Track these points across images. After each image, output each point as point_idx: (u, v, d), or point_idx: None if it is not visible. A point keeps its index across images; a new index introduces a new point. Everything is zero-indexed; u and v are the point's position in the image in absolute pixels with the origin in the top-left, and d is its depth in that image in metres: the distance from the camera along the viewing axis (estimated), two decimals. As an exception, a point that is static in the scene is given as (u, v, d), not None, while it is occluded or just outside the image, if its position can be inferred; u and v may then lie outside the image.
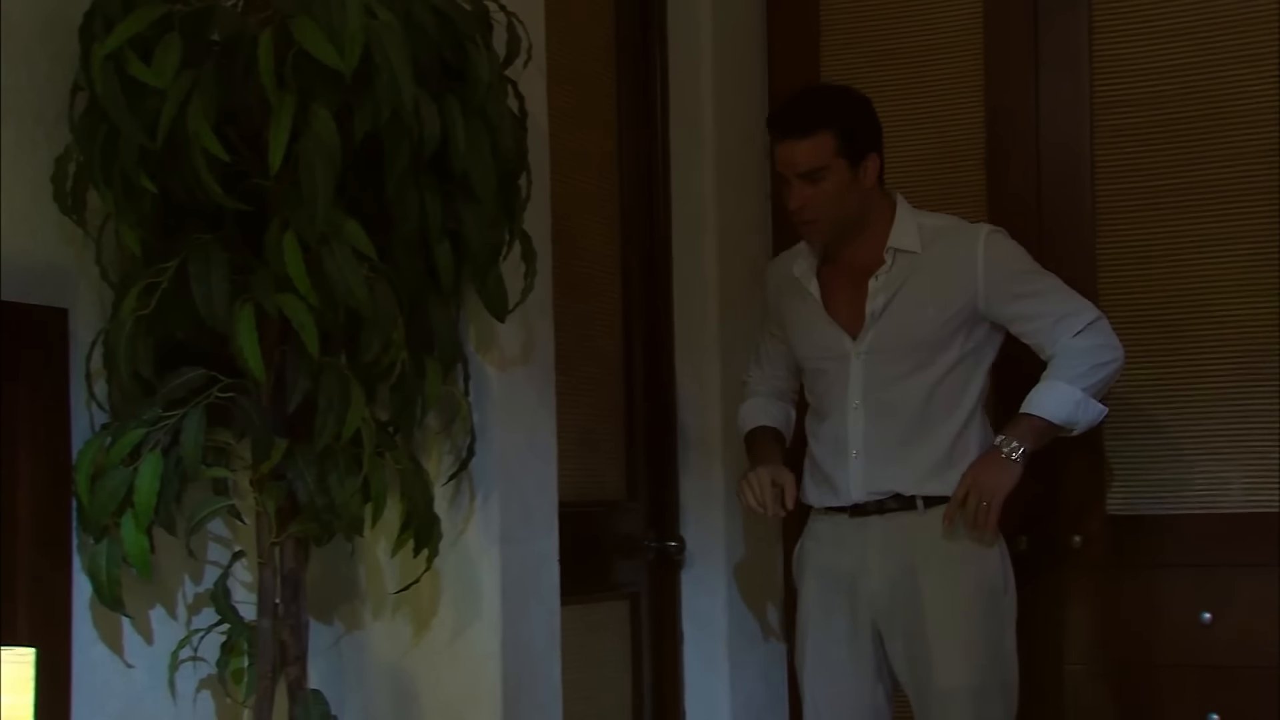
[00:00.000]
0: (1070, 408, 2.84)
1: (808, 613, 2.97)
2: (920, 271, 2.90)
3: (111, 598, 2.11)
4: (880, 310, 2.90)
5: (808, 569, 2.98)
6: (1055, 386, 2.85)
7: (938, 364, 2.88)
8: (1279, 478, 3.19)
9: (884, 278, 2.91)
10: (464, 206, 2.21)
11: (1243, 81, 3.23)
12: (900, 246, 2.91)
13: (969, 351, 2.90)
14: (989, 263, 2.89)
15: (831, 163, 2.88)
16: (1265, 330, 3.20)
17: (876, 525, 2.89)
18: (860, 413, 2.90)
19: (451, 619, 2.43)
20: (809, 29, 3.53)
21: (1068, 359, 2.85)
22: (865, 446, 2.89)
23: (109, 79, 2.01)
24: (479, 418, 2.40)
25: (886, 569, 2.88)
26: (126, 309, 2.10)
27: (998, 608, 2.88)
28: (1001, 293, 2.88)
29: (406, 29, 2.08)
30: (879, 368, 2.90)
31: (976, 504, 2.82)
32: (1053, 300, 2.90)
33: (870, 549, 2.89)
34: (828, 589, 2.93)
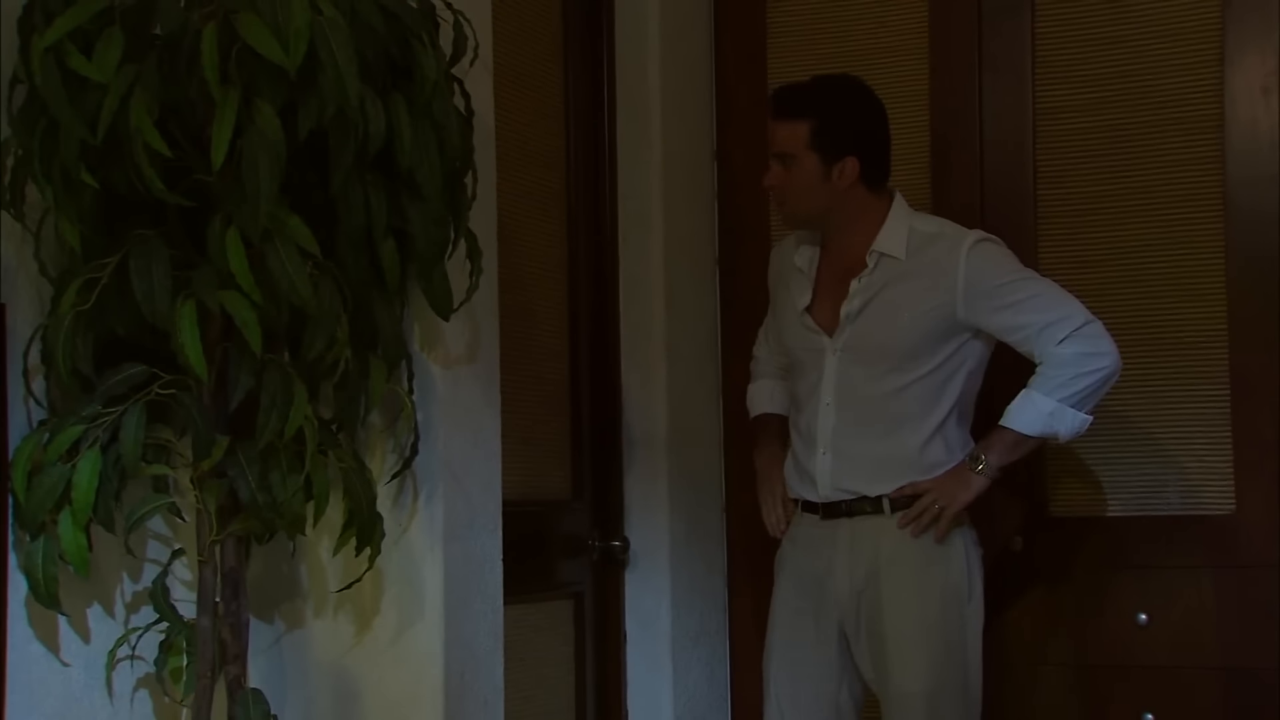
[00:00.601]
0: (1043, 420, 2.83)
1: (777, 611, 2.99)
2: (901, 278, 2.89)
3: (48, 596, 2.09)
4: (855, 313, 2.90)
5: (784, 570, 3.01)
6: (1029, 399, 2.85)
7: (911, 370, 2.87)
8: (1215, 481, 3.23)
9: (864, 280, 2.90)
10: (409, 204, 2.20)
11: (1183, 89, 3.27)
12: (884, 250, 2.90)
13: (947, 359, 2.89)
14: (969, 275, 2.86)
15: (801, 153, 2.88)
16: (1204, 335, 3.24)
17: (844, 528, 2.90)
18: (831, 409, 2.90)
19: (394, 618, 2.42)
20: (756, 30, 3.55)
21: (1048, 369, 2.84)
22: (833, 443, 2.90)
23: (49, 72, 1.99)
24: (423, 416, 2.39)
25: (852, 571, 2.89)
26: (66, 304, 2.08)
27: (960, 614, 2.89)
28: (981, 305, 2.86)
29: (352, 26, 2.07)
30: (852, 367, 2.89)
31: (928, 506, 2.85)
32: (1036, 308, 2.86)
33: (837, 551, 2.90)
34: (798, 590, 2.95)
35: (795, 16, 3.54)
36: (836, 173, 2.88)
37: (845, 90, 2.96)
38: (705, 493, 3.46)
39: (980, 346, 2.93)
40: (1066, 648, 3.30)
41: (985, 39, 3.39)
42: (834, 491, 2.91)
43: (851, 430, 2.90)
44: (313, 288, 2.08)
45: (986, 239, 2.93)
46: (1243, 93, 3.21)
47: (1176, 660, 3.22)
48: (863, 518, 2.89)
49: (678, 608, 3.31)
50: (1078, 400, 2.84)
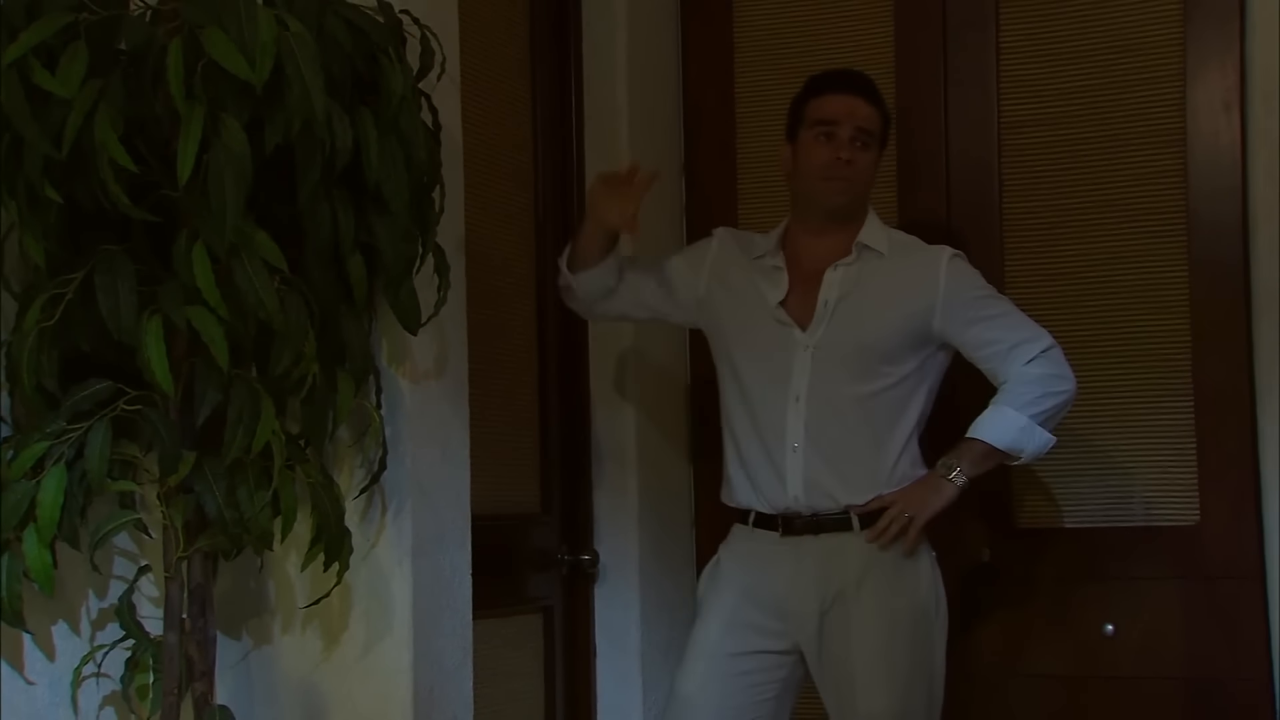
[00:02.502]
0: (1014, 434, 2.84)
1: (723, 620, 2.88)
2: (882, 275, 2.89)
3: (12, 613, 2.08)
4: (835, 301, 2.87)
5: (723, 583, 2.92)
6: (1001, 412, 2.85)
7: (883, 374, 2.86)
8: (1180, 493, 3.25)
9: (842, 270, 2.89)
10: (376, 219, 2.20)
11: (1146, 103, 3.30)
12: (868, 244, 2.91)
13: (913, 370, 2.88)
14: (949, 284, 2.88)
15: (876, 139, 2.94)
16: (1169, 347, 3.27)
17: (808, 546, 2.85)
18: (802, 405, 2.85)
19: (362, 633, 2.41)
20: (723, 45, 3.57)
21: (1018, 385, 2.85)
22: (806, 441, 2.84)
23: (13, 87, 1.99)
24: (391, 431, 2.39)
25: (818, 592, 2.84)
26: (30, 320, 2.07)
27: (929, 631, 2.88)
28: (959, 315, 2.87)
29: (319, 41, 2.08)
30: (825, 365, 2.85)
31: (897, 515, 2.83)
32: (1008, 326, 2.88)
33: (801, 571, 2.85)
34: (747, 605, 2.88)
35: (761, 31, 3.56)
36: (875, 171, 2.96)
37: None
38: (674, 507, 3.47)
39: (941, 362, 2.93)
40: (1033, 659, 3.32)
41: (950, 53, 3.42)
42: (806, 496, 2.84)
43: (826, 428, 2.84)
44: (280, 303, 2.08)
45: (960, 254, 2.96)
46: (1204, 107, 3.24)
47: (1142, 671, 3.24)
48: (829, 535, 2.84)
49: (647, 622, 3.31)
50: (1044, 419, 2.85)
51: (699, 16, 3.59)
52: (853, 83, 2.96)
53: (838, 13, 3.51)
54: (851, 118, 2.90)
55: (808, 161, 2.92)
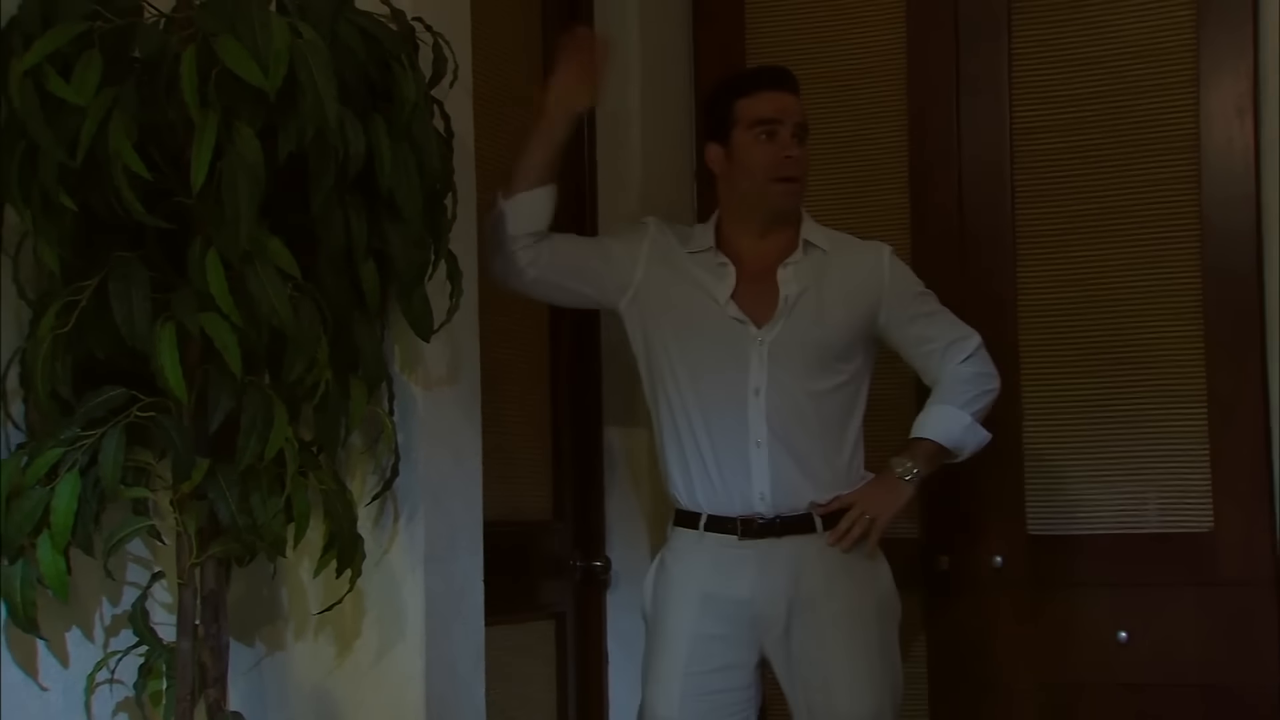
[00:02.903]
0: (959, 432, 2.87)
1: (684, 637, 2.82)
2: (831, 271, 2.89)
3: (26, 620, 2.08)
4: (795, 299, 2.85)
5: (680, 594, 2.84)
6: (945, 411, 2.87)
7: (836, 371, 2.86)
8: (1194, 498, 3.25)
9: (793, 268, 2.88)
10: (389, 226, 2.20)
11: (1159, 109, 3.30)
12: (813, 240, 2.91)
13: (860, 367, 2.90)
14: (894, 278, 2.92)
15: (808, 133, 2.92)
16: (1182, 353, 3.26)
17: (773, 549, 2.81)
18: (762, 400, 2.81)
19: (375, 640, 2.42)
20: (735, 54, 3.57)
21: (957, 384, 2.88)
22: (770, 436, 2.80)
23: (28, 95, 1.99)
24: (404, 437, 2.39)
25: (785, 596, 2.81)
26: (45, 327, 2.07)
27: (893, 629, 2.90)
28: (902, 310, 2.91)
29: (332, 48, 2.08)
30: (780, 362, 2.83)
31: (858, 517, 2.82)
32: (943, 324, 2.93)
33: (767, 575, 2.81)
34: (707, 615, 2.82)
35: (774, 38, 3.56)
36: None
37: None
38: (686, 513, 3.46)
39: (872, 364, 2.95)
40: (1047, 666, 3.31)
41: (963, 60, 3.42)
42: (773, 493, 2.80)
43: (787, 423, 2.81)
44: (293, 309, 2.08)
45: (890, 247, 2.98)
46: (1218, 113, 3.24)
47: (1156, 678, 3.23)
48: (792, 538, 2.81)
49: (659, 628, 3.30)
50: (980, 416, 2.90)
51: (711, 22, 3.59)
52: (786, 80, 2.94)
53: (850, 19, 3.51)
54: (791, 115, 2.89)
55: (752, 162, 2.86)
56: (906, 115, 3.44)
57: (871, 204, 3.46)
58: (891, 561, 3.05)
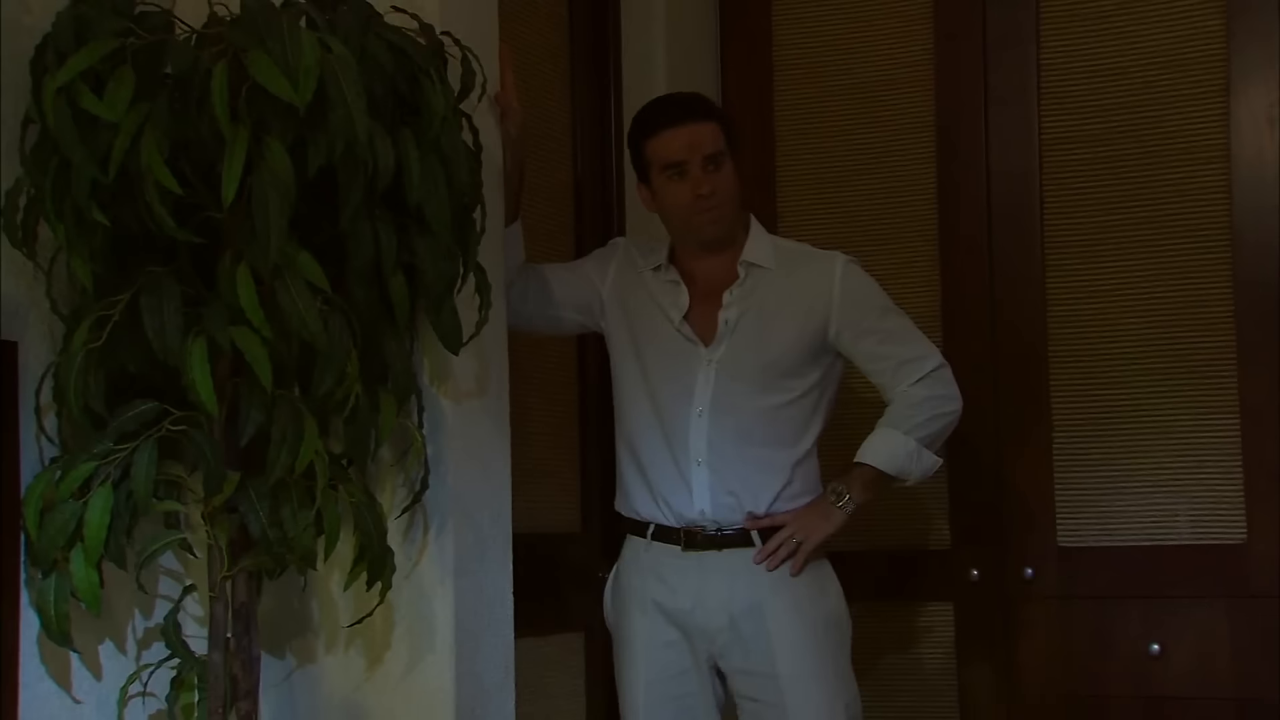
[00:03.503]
0: (902, 458, 2.81)
1: (640, 647, 2.84)
2: (775, 289, 2.85)
3: (60, 633, 2.09)
4: (735, 321, 2.84)
5: (634, 602, 2.86)
6: (889, 436, 2.82)
7: (786, 388, 2.83)
8: (1226, 510, 3.23)
9: (737, 291, 2.85)
10: (418, 239, 2.21)
11: (1188, 119, 3.28)
12: (754, 261, 2.86)
13: (815, 382, 2.86)
14: (844, 292, 2.84)
15: (725, 152, 2.83)
16: (1213, 364, 3.25)
17: (713, 561, 2.81)
18: (705, 420, 2.81)
19: (405, 652, 2.42)
20: (762, 66, 3.57)
21: (905, 408, 2.82)
22: (709, 455, 2.81)
23: (61, 112, 2.01)
24: (433, 450, 2.40)
25: (728, 606, 2.80)
26: (77, 342, 2.09)
27: (843, 637, 2.86)
28: (853, 325, 2.83)
29: (361, 63, 2.09)
30: (727, 381, 2.82)
31: (786, 539, 2.80)
32: (899, 342, 2.85)
33: (707, 587, 2.81)
34: (661, 623, 2.84)
35: (801, 50, 3.56)
36: (737, 173, 2.85)
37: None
38: (715, 525, 3.45)
39: (838, 371, 2.90)
40: (1078, 679, 3.29)
41: (990, 71, 3.41)
42: (713, 510, 2.80)
43: (729, 442, 2.81)
44: (323, 323, 2.09)
45: (854, 260, 2.90)
46: (1248, 123, 3.22)
47: (1190, 691, 3.21)
48: (733, 550, 2.81)
49: (688, 640, 3.29)
50: (930, 441, 2.83)
51: (739, 35, 3.60)
52: (684, 111, 2.83)
53: (877, 31, 3.50)
54: (696, 150, 2.79)
55: (671, 204, 2.83)
56: (934, 127, 3.44)
57: (900, 215, 3.45)
58: (923, 573, 3.04)
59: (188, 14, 2.18)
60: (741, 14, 3.60)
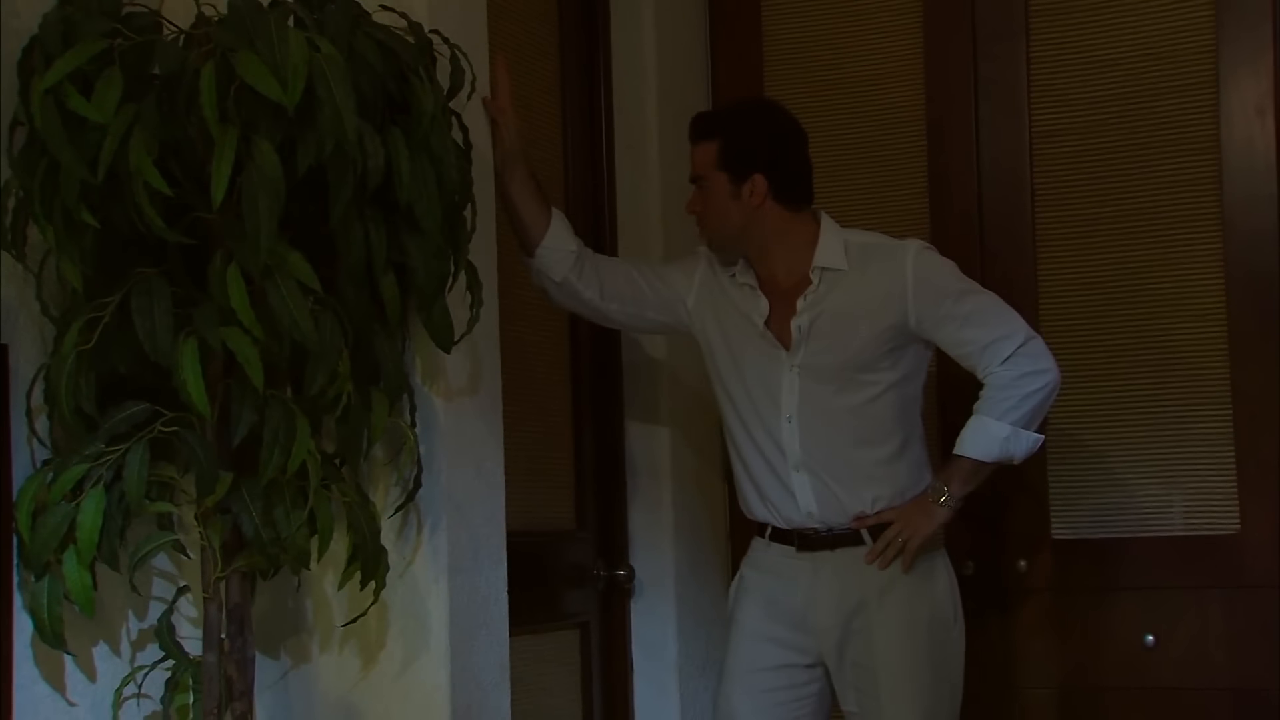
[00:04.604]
0: (999, 445, 2.82)
1: (742, 639, 2.93)
2: (850, 289, 2.87)
3: (54, 635, 2.09)
4: (809, 327, 2.87)
5: (748, 596, 2.94)
6: (983, 424, 2.83)
7: (868, 385, 2.86)
8: (1220, 501, 3.23)
9: (811, 296, 2.88)
10: (409, 238, 2.21)
11: (1178, 111, 3.29)
12: (827, 265, 2.88)
13: (900, 376, 2.87)
14: (919, 281, 2.86)
15: (711, 174, 2.89)
16: (1205, 355, 3.25)
17: (826, 560, 2.87)
18: (795, 425, 2.86)
19: (400, 651, 2.42)
20: (753, 60, 3.57)
21: (995, 392, 2.82)
22: (805, 458, 2.86)
23: (49, 113, 2.01)
24: (426, 449, 2.40)
25: (840, 605, 2.86)
26: (68, 344, 2.08)
27: (947, 639, 2.88)
28: (931, 312, 2.85)
29: (349, 62, 2.09)
30: (811, 384, 2.86)
31: (893, 538, 2.83)
32: (982, 323, 2.85)
33: (820, 585, 2.87)
34: (769, 618, 2.91)
35: (791, 45, 3.56)
36: (746, 191, 2.88)
37: (754, 110, 2.98)
38: (709, 520, 3.46)
39: (925, 361, 2.93)
40: (1073, 671, 3.30)
41: (980, 64, 3.41)
42: (819, 512, 2.86)
43: (822, 444, 2.86)
44: (314, 323, 2.09)
45: (928, 247, 2.93)
46: (1238, 113, 3.22)
47: (1184, 681, 3.21)
48: (845, 550, 2.86)
49: (684, 636, 3.30)
50: (1027, 420, 2.83)
51: (728, 31, 3.60)
52: (689, 132, 2.95)
53: (867, 26, 3.50)
54: (692, 168, 2.93)
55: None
56: (925, 120, 3.44)
57: (891, 210, 3.45)
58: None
59: (175, 14, 2.18)
60: (731, 9, 3.59)
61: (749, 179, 2.87)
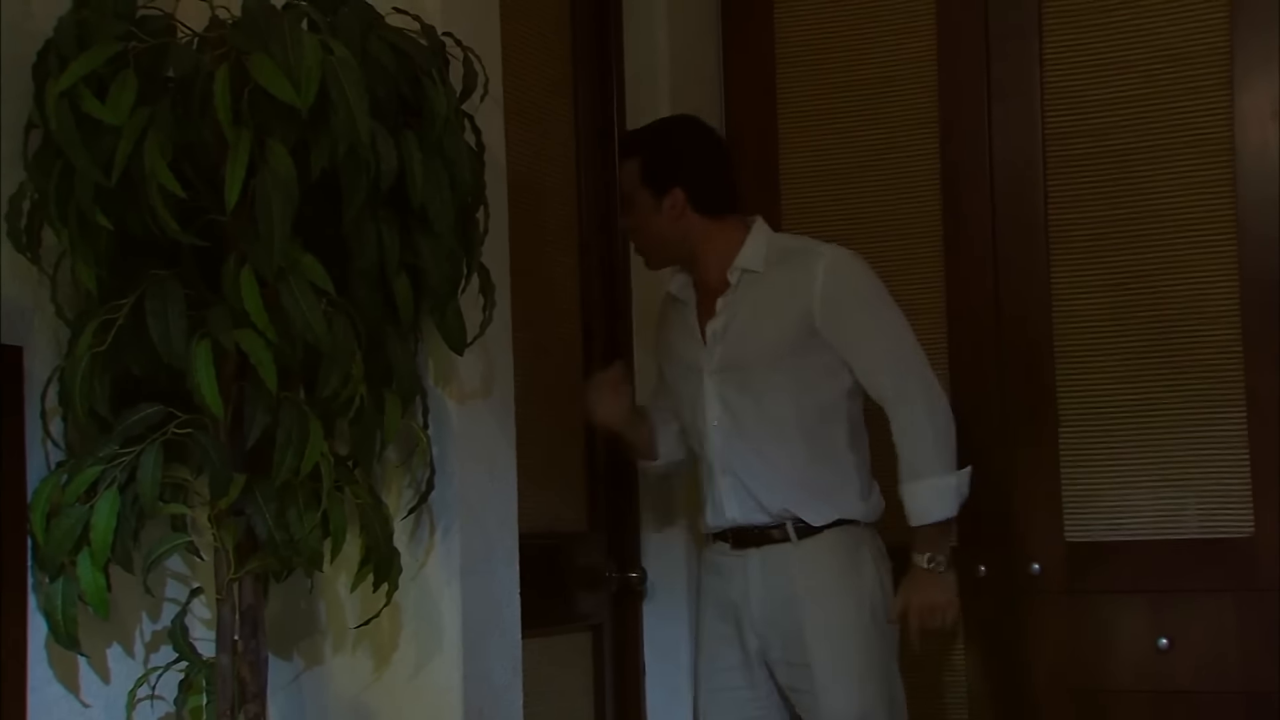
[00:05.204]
0: (955, 495, 2.88)
1: (702, 639, 3.04)
2: (762, 289, 2.93)
3: (68, 637, 2.10)
4: (722, 330, 2.94)
5: (704, 599, 3.07)
6: (931, 486, 2.87)
7: (781, 383, 2.90)
8: (1234, 503, 3.22)
9: (729, 297, 2.95)
10: (422, 240, 2.21)
11: (1192, 113, 3.27)
12: (744, 266, 2.95)
13: (820, 376, 2.90)
14: (827, 281, 2.88)
15: (635, 191, 2.98)
16: (1219, 357, 3.24)
17: (755, 556, 2.93)
18: (718, 431, 2.94)
19: (412, 653, 2.42)
20: (765, 63, 3.57)
21: (918, 444, 2.86)
22: (728, 464, 2.93)
23: (64, 116, 2.01)
24: (438, 451, 2.40)
25: (767, 600, 2.92)
26: (82, 346, 2.09)
27: (880, 631, 2.91)
28: (836, 314, 2.88)
29: (363, 65, 2.09)
30: (727, 387, 2.93)
31: (940, 623, 2.91)
32: (882, 347, 2.90)
33: (750, 581, 2.94)
34: (717, 617, 2.99)
35: (804, 46, 3.55)
36: (667, 204, 2.95)
37: (670, 127, 3.07)
38: (722, 523, 3.46)
39: (840, 370, 2.93)
40: (1086, 673, 3.29)
41: (993, 64, 3.40)
42: (741, 515, 2.93)
43: (742, 448, 2.92)
44: (327, 325, 2.09)
45: (847, 251, 2.96)
46: (1252, 116, 3.21)
47: (1198, 685, 3.20)
48: (773, 546, 2.91)
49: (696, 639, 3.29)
50: (954, 458, 2.88)
51: (740, 31, 3.59)
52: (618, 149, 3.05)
53: (879, 25, 3.50)
54: (619, 187, 3.03)
55: None
56: (937, 122, 3.43)
57: (904, 211, 3.45)
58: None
59: (189, 17, 2.18)
60: (744, 10, 3.59)
61: (668, 192, 2.95)
